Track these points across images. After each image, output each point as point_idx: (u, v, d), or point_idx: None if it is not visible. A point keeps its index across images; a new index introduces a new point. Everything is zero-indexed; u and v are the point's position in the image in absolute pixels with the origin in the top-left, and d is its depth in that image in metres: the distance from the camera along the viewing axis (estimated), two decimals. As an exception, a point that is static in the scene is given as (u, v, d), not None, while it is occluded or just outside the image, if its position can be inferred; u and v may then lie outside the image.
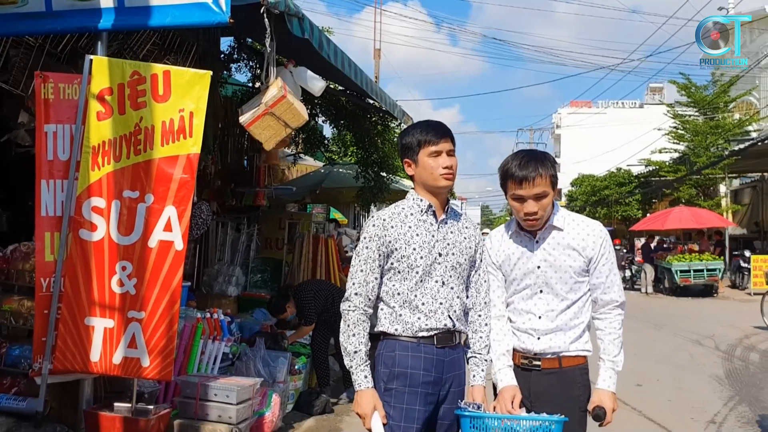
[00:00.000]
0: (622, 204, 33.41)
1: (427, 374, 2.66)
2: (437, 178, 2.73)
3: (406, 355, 2.68)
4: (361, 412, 2.63)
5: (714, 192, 27.20)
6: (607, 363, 2.82)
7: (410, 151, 2.78)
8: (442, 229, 2.78)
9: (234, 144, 9.24)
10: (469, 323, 2.86)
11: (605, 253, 2.81)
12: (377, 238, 2.73)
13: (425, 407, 2.66)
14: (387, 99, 7.69)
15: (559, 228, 2.82)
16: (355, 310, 2.70)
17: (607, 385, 2.79)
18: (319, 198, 12.96)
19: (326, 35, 5.47)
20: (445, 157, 2.74)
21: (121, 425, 4.20)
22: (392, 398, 2.65)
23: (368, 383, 2.64)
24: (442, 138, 2.75)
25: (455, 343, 2.77)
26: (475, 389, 2.78)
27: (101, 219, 4.10)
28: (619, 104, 53.53)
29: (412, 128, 2.87)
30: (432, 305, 2.70)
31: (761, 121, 28.09)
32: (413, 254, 2.70)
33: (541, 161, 2.75)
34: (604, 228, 2.92)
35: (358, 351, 2.66)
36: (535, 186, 2.71)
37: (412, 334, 2.69)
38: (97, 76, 4.15)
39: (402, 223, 2.75)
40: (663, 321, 13.78)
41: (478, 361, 2.83)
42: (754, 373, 8.56)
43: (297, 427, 5.68)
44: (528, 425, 2.44)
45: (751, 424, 6.12)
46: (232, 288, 8.41)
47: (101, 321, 4.10)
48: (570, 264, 2.78)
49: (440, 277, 2.73)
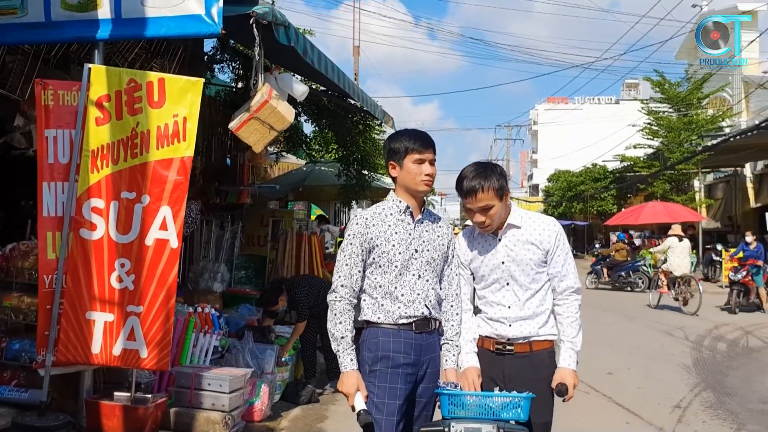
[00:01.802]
0: (598, 199, 33.95)
1: (407, 356, 2.97)
2: (418, 183, 3.04)
3: (388, 340, 2.99)
4: (345, 391, 2.92)
5: (688, 187, 27.80)
6: (567, 344, 3.12)
7: (397, 155, 3.08)
8: (419, 228, 3.09)
9: (217, 143, 9.45)
10: (442, 313, 3.17)
11: (560, 245, 3.14)
12: (360, 235, 3.03)
13: (405, 386, 2.97)
14: (368, 100, 7.96)
15: (517, 226, 3.14)
16: (341, 300, 3.01)
17: (568, 364, 3.09)
18: (301, 195, 13.17)
19: (310, 42, 5.72)
20: (427, 166, 3.05)
21: (121, 413, 4.46)
22: (377, 378, 2.96)
23: (353, 365, 2.94)
24: (427, 148, 3.06)
25: (431, 329, 3.07)
26: (448, 371, 3.09)
27: (101, 219, 4.35)
28: (595, 100, 54.18)
29: (400, 135, 3.17)
30: (410, 296, 3.01)
31: (734, 117, 28.72)
32: (392, 250, 3.01)
33: (486, 176, 3.04)
34: (557, 222, 3.24)
35: (344, 337, 2.96)
36: (478, 201, 3.03)
37: (393, 321, 3.00)
38: (96, 84, 4.39)
39: (382, 222, 3.05)
40: (636, 313, 14.20)
41: (450, 346, 3.14)
42: (720, 361, 8.97)
43: (285, 415, 5.94)
44: (500, 401, 2.73)
45: (714, 408, 6.48)
46: (217, 284, 8.61)
47: (101, 315, 4.35)
48: (530, 257, 3.10)
49: (417, 270, 3.04)
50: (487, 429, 2.61)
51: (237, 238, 9.36)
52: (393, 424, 2.90)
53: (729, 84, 29.81)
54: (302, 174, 12.73)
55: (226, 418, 4.82)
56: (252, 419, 5.46)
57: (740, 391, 7.23)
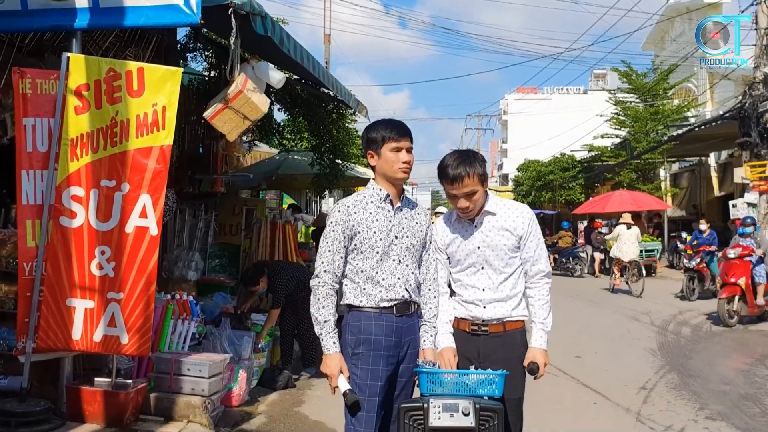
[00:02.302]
0: (566, 188, 34.32)
1: (388, 339, 3.09)
2: (396, 171, 3.16)
3: (369, 324, 3.10)
4: (328, 373, 3.03)
5: (654, 176, 28.28)
6: (538, 325, 3.27)
7: (375, 144, 3.19)
8: (398, 215, 3.21)
9: (190, 131, 9.44)
10: (421, 296, 3.30)
11: (532, 231, 3.29)
12: (342, 222, 3.14)
13: (387, 367, 3.09)
14: (342, 89, 8.03)
15: (492, 213, 3.28)
16: (324, 285, 3.11)
17: (539, 344, 3.24)
18: (274, 184, 13.19)
19: (286, 32, 5.78)
20: (404, 153, 3.17)
21: (102, 398, 4.53)
22: (359, 361, 3.07)
23: (336, 348, 3.05)
24: (404, 136, 3.18)
25: (411, 312, 3.20)
26: (426, 351, 3.22)
27: (80, 207, 4.40)
28: (564, 91, 54.63)
29: (378, 124, 3.28)
30: (391, 280, 3.13)
31: (699, 108, 29.28)
32: (373, 237, 3.13)
33: (470, 163, 3.18)
34: (530, 210, 3.40)
35: (327, 320, 3.06)
36: (464, 186, 3.16)
37: (375, 305, 3.12)
38: (74, 73, 4.42)
39: (363, 209, 3.17)
40: (603, 299, 14.53)
41: (428, 328, 3.28)
42: (684, 345, 9.26)
43: (262, 400, 6.04)
44: (475, 379, 2.87)
45: (678, 389, 6.73)
46: (191, 273, 8.64)
47: (82, 302, 4.40)
48: (504, 243, 3.24)
49: (397, 256, 3.16)
50: (463, 404, 2.74)
51: (210, 227, 9.39)
52: (375, 404, 3.02)
53: (694, 75, 30.36)
54: (275, 163, 12.75)
55: (206, 402, 4.90)
56: (230, 404, 5.55)
57: (703, 373, 7.50)
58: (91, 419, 4.55)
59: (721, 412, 5.87)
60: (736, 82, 24.33)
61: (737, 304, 10.85)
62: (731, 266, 11.19)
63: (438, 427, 2.73)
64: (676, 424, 5.52)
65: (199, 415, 4.84)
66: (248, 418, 5.47)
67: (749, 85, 18.84)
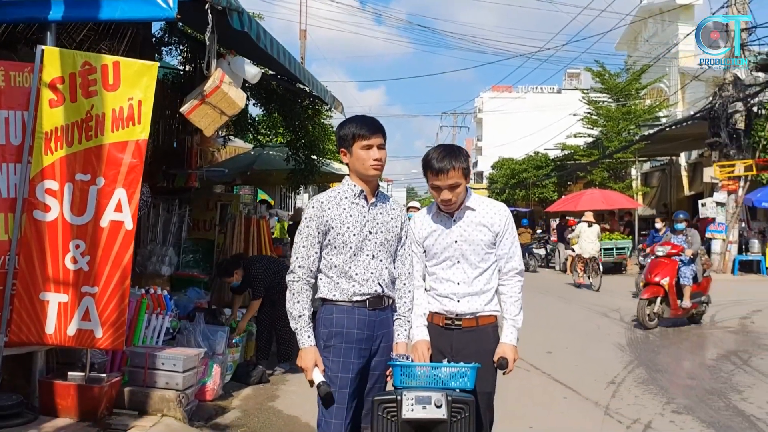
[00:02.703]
0: (539, 186, 34.62)
1: (360, 332, 3.14)
2: (368, 168, 3.20)
3: (342, 317, 3.15)
4: (303, 366, 3.09)
5: (625, 175, 28.65)
6: (509, 321, 3.35)
7: (346, 142, 3.23)
8: (372, 210, 3.26)
9: (165, 126, 9.39)
10: (395, 290, 3.35)
11: (509, 229, 3.38)
12: (316, 218, 3.19)
13: (359, 360, 3.14)
14: (318, 85, 8.04)
15: (472, 208, 3.36)
16: (299, 281, 3.16)
17: (509, 340, 3.32)
18: (249, 180, 13.16)
19: (263, 27, 5.78)
20: (375, 150, 3.20)
21: (76, 392, 4.52)
22: (331, 353, 3.12)
23: (311, 342, 3.11)
24: (375, 133, 3.21)
25: (384, 306, 3.25)
26: (399, 345, 3.27)
27: (54, 200, 4.38)
28: (538, 89, 55.13)
29: (348, 122, 3.31)
30: (364, 275, 3.18)
31: (670, 108, 29.71)
32: (347, 232, 3.17)
33: (455, 156, 3.26)
34: (507, 208, 3.48)
35: (302, 315, 3.12)
36: (449, 178, 3.22)
37: (348, 298, 3.16)
38: (49, 66, 4.40)
39: (337, 205, 3.21)
40: (574, 296, 14.72)
41: (402, 321, 3.32)
42: (652, 340, 9.43)
43: (236, 395, 6.06)
44: (448, 372, 2.93)
45: (646, 383, 6.86)
46: (165, 268, 8.61)
47: (56, 296, 4.39)
48: (481, 238, 3.31)
49: (371, 251, 3.21)
50: (436, 397, 2.80)
51: (184, 222, 9.36)
52: (345, 396, 3.07)
53: (666, 75, 30.82)
54: (250, 158, 12.72)
55: (180, 396, 4.91)
56: (204, 398, 5.57)
57: (670, 368, 7.67)
58: (65, 413, 4.53)
59: (687, 406, 6.01)
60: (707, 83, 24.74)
61: (659, 306, 10.24)
62: (657, 265, 10.63)
63: (411, 418, 2.78)
64: (644, 418, 5.65)
65: (174, 409, 4.85)
66: (222, 413, 5.49)
67: (719, 87, 19.20)
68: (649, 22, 34.36)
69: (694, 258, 10.76)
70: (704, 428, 5.41)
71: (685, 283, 10.43)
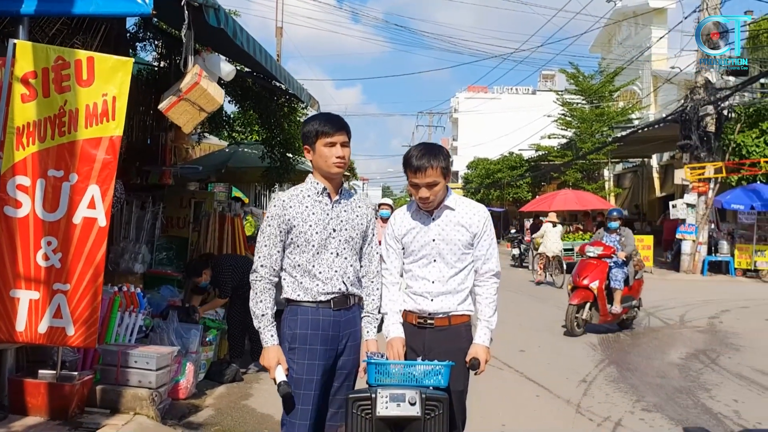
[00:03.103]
0: (514, 186, 34.91)
1: (325, 333, 3.14)
2: (330, 166, 3.19)
3: (306, 318, 3.15)
4: (266, 365, 3.10)
5: (598, 176, 29.02)
6: (483, 322, 3.38)
7: (309, 139, 3.21)
8: (336, 208, 3.25)
9: (138, 122, 9.30)
10: (363, 288, 3.35)
11: (487, 230, 3.40)
12: (278, 217, 3.18)
13: (324, 361, 3.14)
14: (294, 83, 8.03)
15: (451, 208, 3.38)
16: (262, 280, 3.17)
17: (483, 341, 3.34)
18: (223, 177, 13.08)
19: (239, 24, 5.76)
20: (338, 148, 3.18)
21: (47, 391, 4.47)
22: (295, 355, 3.12)
23: (274, 341, 3.11)
24: (338, 131, 3.19)
25: (350, 305, 3.25)
26: (369, 342, 3.29)
27: (26, 197, 4.32)
28: (513, 90, 55.48)
29: (312, 119, 3.29)
30: (328, 273, 3.18)
31: (643, 110, 30.12)
32: (309, 230, 3.16)
33: (434, 155, 3.28)
34: (486, 209, 3.52)
35: (264, 314, 3.13)
36: (427, 176, 3.25)
37: (312, 298, 3.16)
38: (21, 60, 4.34)
39: (300, 203, 3.20)
40: (547, 295, 14.83)
41: (371, 319, 3.34)
42: (623, 340, 9.56)
43: (209, 393, 6.03)
44: (422, 369, 2.96)
45: (617, 382, 6.96)
46: (138, 265, 8.52)
47: (26, 293, 4.34)
48: (459, 238, 3.34)
49: (335, 249, 3.20)
50: (410, 394, 2.82)
51: (158, 219, 9.28)
52: (310, 397, 3.08)
53: (639, 78, 31.22)
54: (225, 155, 12.65)
55: (153, 394, 4.88)
56: (177, 397, 5.54)
57: (640, 366, 7.77)
58: (35, 412, 4.49)
59: (657, 404, 6.10)
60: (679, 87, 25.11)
61: (588, 312, 9.64)
62: (585, 266, 9.90)
63: (385, 416, 2.80)
64: (614, 415, 5.73)
65: (146, 408, 4.82)
66: (195, 411, 5.47)
67: (691, 90, 19.50)
68: (623, 25, 34.80)
69: (627, 260, 10.09)
70: (673, 426, 5.50)
71: (616, 286, 9.82)
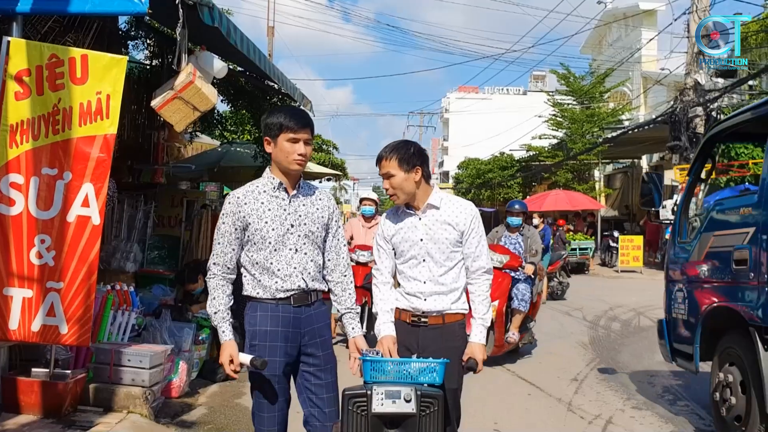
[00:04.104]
0: (505, 186, 34.94)
1: (285, 330, 3.12)
2: (291, 162, 3.13)
3: (266, 315, 3.12)
4: (221, 361, 3.09)
5: (589, 176, 29.12)
6: (478, 320, 3.40)
7: (271, 131, 3.14)
8: (294, 202, 3.19)
9: (130, 121, 9.29)
10: (336, 284, 3.32)
11: (475, 227, 3.40)
12: (232, 214, 3.13)
13: (285, 358, 3.12)
14: (288, 82, 8.04)
15: (436, 206, 3.39)
16: (215, 278, 3.15)
17: (478, 339, 3.36)
18: (216, 176, 13.07)
19: (233, 23, 5.77)
20: (301, 145, 3.13)
21: (40, 389, 4.47)
22: (256, 352, 3.10)
23: (228, 336, 3.09)
24: (303, 128, 3.12)
25: (310, 301, 3.20)
26: (357, 339, 3.27)
27: (19, 194, 4.31)
28: (504, 91, 55.58)
29: (278, 111, 3.23)
30: (287, 270, 3.13)
31: (633, 111, 30.26)
32: (265, 227, 3.11)
33: (395, 148, 3.30)
34: (474, 206, 3.52)
35: (218, 311, 3.12)
36: (382, 168, 3.30)
37: (271, 296, 3.12)
38: (15, 58, 4.32)
39: (255, 199, 3.15)
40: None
41: (353, 315, 3.33)
42: (614, 339, 9.63)
43: (202, 392, 6.03)
44: (417, 366, 2.97)
45: (608, 380, 7.01)
46: (129, 264, 8.51)
47: (20, 291, 4.32)
48: (446, 237, 3.35)
49: (294, 245, 3.15)
50: (405, 391, 2.84)
51: (150, 218, 9.27)
52: (275, 392, 3.11)
53: (629, 79, 31.35)
54: (218, 154, 12.64)
55: (146, 393, 4.88)
56: (170, 395, 5.53)
57: (631, 365, 7.84)
58: (28, 410, 4.48)
59: (647, 402, 6.16)
60: (669, 88, 25.26)
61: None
62: None
63: (381, 413, 2.82)
64: (605, 413, 5.77)
65: (140, 406, 4.82)
66: (188, 410, 5.47)
67: (680, 91, 19.62)
68: (614, 26, 34.95)
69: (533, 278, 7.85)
70: (662, 423, 5.55)
71: (520, 308, 7.59)
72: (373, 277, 3.53)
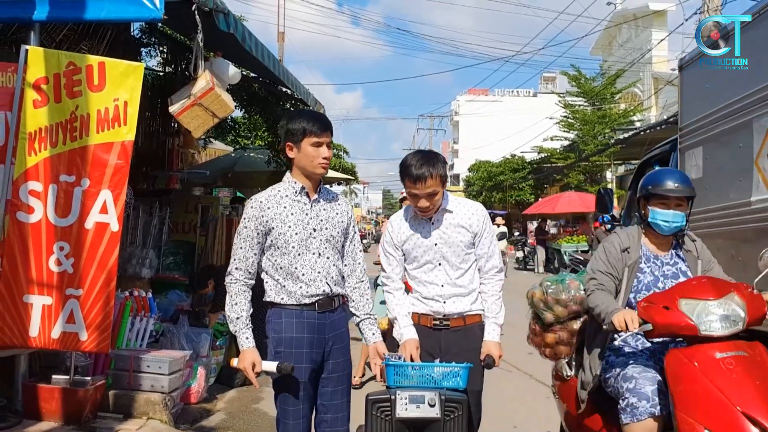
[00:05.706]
0: (516, 189, 34.86)
1: (310, 337, 3.09)
2: (316, 166, 3.13)
3: (290, 322, 3.09)
4: (241, 367, 3.04)
5: (601, 178, 28.95)
6: (491, 319, 3.40)
7: (294, 136, 3.13)
8: (315, 207, 3.19)
9: (145, 128, 9.33)
10: (353, 289, 3.30)
11: (486, 228, 3.43)
12: (255, 218, 3.11)
13: (310, 364, 3.09)
14: (301, 88, 8.06)
15: (449, 210, 3.39)
16: (236, 283, 3.11)
17: (492, 337, 3.37)
18: (230, 181, 13.09)
19: (248, 29, 5.78)
20: (325, 149, 3.13)
21: (60, 396, 4.48)
22: (281, 359, 3.05)
23: (249, 343, 3.04)
24: (325, 131, 3.13)
25: (334, 307, 3.19)
26: (378, 345, 3.25)
27: (38, 202, 4.33)
28: (514, 93, 55.46)
29: (298, 116, 3.23)
30: (311, 275, 3.12)
31: (644, 112, 30.10)
32: (288, 231, 3.10)
33: (433, 164, 3.26)
34: (484, 208, 3.53)
35: (239, 317, 3.06)
36: (427, 186, 3.24)
37: (296, 301, 3.10)
38: (33, 66, 4.34)
39: (278, 204, 3.14)
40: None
41: (371, 320, 3.30)
42: (630, 341, 9.54)
43: (220, 397, 6.04)
44: (440, 371, 2.96)
45: (626, 383, 6.95)
46: (145, 270, 8.52)
47: (40, 298, 4.33)
48: (461, 239, 3.35)
49: (317, 249, 3.14)
50: (429, 396, 2.83)
51: (165, 224, 9.30)
52: (300, 400, 3.07)
53: (640, 80, 31.19)
54: (231, 160, 12.65)
55: (166, 399, 4.88)
56: (189, 401, 5.54)
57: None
58: (49, 417, 4.48)
59: (667, 405, 6.09)
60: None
61: None
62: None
63: (405, 417, 2.81)
64: (625, 417, 5.71)
65: (159, 412, 4.82)
66: (207, 415, 5.47)
67: (692, 91, 19.46)
68: (624, 27, 34.83)
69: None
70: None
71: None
72: (383, 285, 3.52)
